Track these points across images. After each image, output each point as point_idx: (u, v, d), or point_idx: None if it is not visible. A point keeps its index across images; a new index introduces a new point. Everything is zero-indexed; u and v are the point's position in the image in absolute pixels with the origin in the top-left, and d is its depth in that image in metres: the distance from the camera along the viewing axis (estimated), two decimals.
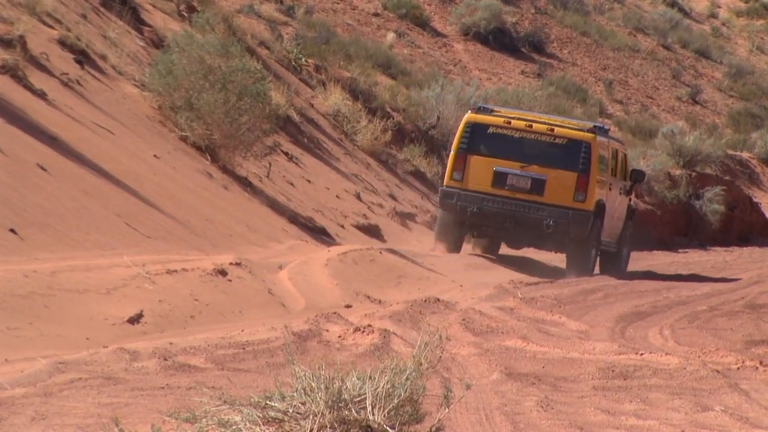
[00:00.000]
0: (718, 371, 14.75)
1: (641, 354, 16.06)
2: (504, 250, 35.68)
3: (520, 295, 22.45)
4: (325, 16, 46.76)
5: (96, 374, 12.61)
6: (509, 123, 31.94)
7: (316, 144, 35.30)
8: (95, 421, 10.49)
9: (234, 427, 9.22)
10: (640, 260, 37.94)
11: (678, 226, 47.82)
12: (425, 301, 20.01)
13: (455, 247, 32.23)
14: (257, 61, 34.10)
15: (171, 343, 14.41)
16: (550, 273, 30.54)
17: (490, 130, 32.06)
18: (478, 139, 31.92)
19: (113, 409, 10.89)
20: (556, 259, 34.02)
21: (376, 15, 52.03)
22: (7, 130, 23.55)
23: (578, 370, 14.77)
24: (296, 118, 35.15)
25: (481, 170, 31.78)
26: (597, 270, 32.48)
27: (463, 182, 31.81)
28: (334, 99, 37.85)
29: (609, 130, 36.63)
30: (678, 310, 22.95)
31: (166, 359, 13.39)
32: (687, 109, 62.76)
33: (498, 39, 56.55)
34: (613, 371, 14.65)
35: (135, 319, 16.11)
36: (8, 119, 23.64)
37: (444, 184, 32.79)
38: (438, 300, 20.44)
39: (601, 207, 31.38)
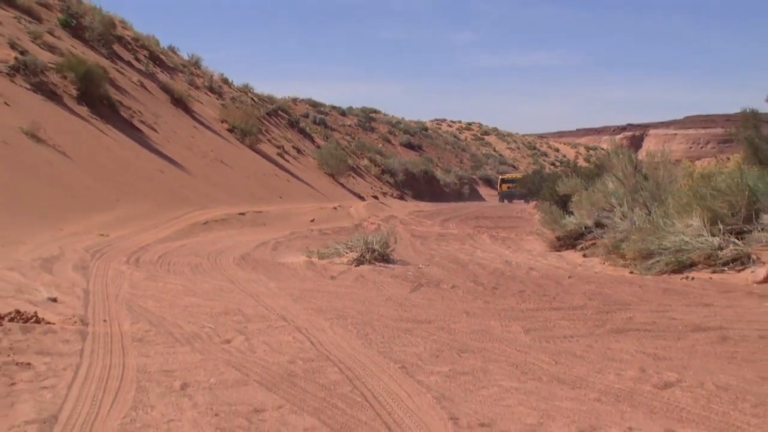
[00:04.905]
0: (467, 234, 15.65)
1: (448, 230, 17.38)
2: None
3: (415, 213, 24.35)
4: (364, 141, 50.08)
5: (301, 235, 14.20)
6: (507, 175, 43.92)
7: (361, 174, 39.03)
8: (302, 248, 11.49)
9: (338, 248, 10.31)
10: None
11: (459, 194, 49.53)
12: (389, 216, 21.19)
13: (502, 202, 39.95)
14: (346, 152, 39.18)
15: (322, 227, 16.21)
16: (433, 208, 31.57)
17: (504, 178, 43.08)
18: (503, 181, 42.45)
19: (326, 241, 11.97)
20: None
21: (377, 141, 54.09)
22: (281, 173, 26.00)
23: (429, 235, 15.77)
24: (355, 166, 39.33)
25: (504, 186, 41.64)
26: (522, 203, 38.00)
27: (500, 190, 42.08)
28: (365, 162, 42.98)
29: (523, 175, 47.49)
30: (457, 217, 22.80)
31: (321, 231, 15.09)
32: (460, 165, 61.34)
33: (409, 146, 57.62)
34: (440, 235, 15.66)
35: (312, 221, 17.65)
36: (280, 169, 27.20)
37: (498, 191, 42.74)
38: (393, 216, 21.61)
39: (526, 191, 36.94)
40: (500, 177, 45.48)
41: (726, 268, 8.57)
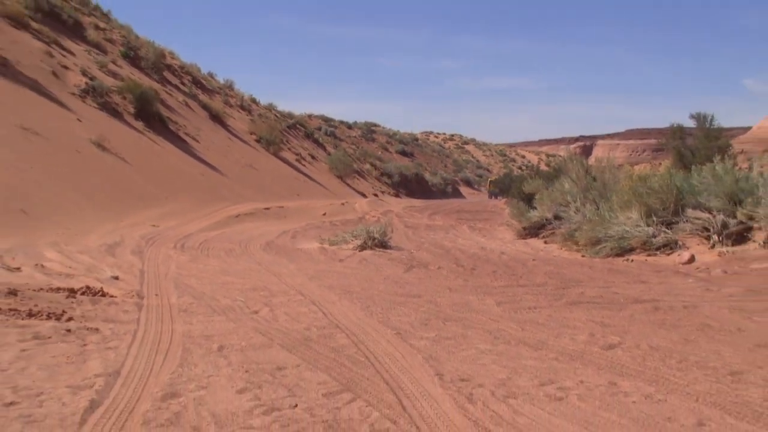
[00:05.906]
0: (450, 225, 14.52)
1: (434, 222, 15.41)
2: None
3: (408, 208, 21.46)
4: (366, 149, 45.82)
5: (315, 226, 13.46)
6: (493, 177, 42.52)
7: (363, 176, 36.88)
8: (316, 236, 11.18)
9: (345, 236, 10.10)
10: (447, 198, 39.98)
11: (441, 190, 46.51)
12: (387, 211, 19.48)
13: (490, 199, 35.13)
14: (351, 158, 36.74)
15: (332, 219, 15.30)
16: (421, 204, 29.33)
17: (492, 180, 40.90)
18: (491, 182, 39.59)
19: (335, 230, 11.40)
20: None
21: (377, 149, 49.41)
22: (299, 175, 24.88)
23: (420, 225, 14.58)
24: (359, 170, 37.21)
25: (492, 186, 38.02)
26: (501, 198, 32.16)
27: (489, 189, 38.76)
28: (367, 166, 40.52)
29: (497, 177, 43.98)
30: (442, 211, 20.22)
31: (331, 222, 14.24)
32: (444, 169, 53.42)
33: (403, 153, 51.65)
34: (428, 226, 14.45)
35: (324, 214, 16.26)
36: (298, 172, 25.91)
37: (488, 189, 39.49)
38: (390, 210, 19.75)
39: (499, 190, 34.18)
40: (489, 179, 44.92)
41: (658, 252, 8.60)
